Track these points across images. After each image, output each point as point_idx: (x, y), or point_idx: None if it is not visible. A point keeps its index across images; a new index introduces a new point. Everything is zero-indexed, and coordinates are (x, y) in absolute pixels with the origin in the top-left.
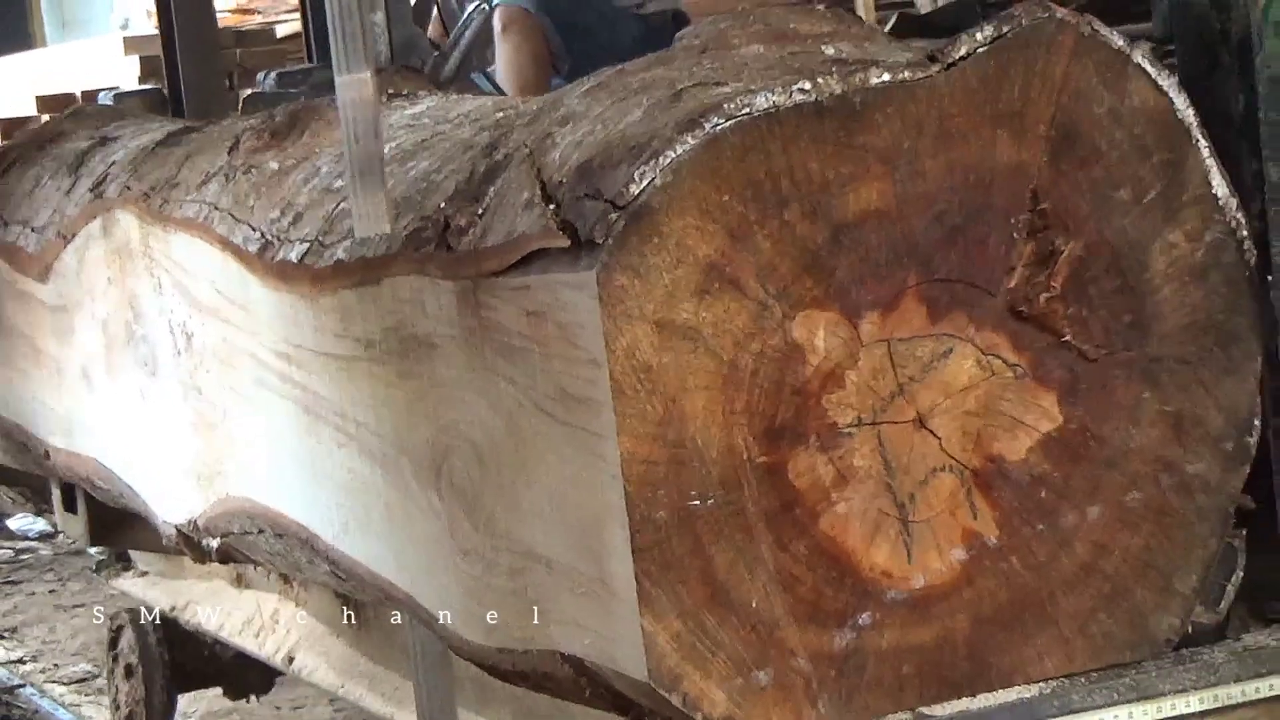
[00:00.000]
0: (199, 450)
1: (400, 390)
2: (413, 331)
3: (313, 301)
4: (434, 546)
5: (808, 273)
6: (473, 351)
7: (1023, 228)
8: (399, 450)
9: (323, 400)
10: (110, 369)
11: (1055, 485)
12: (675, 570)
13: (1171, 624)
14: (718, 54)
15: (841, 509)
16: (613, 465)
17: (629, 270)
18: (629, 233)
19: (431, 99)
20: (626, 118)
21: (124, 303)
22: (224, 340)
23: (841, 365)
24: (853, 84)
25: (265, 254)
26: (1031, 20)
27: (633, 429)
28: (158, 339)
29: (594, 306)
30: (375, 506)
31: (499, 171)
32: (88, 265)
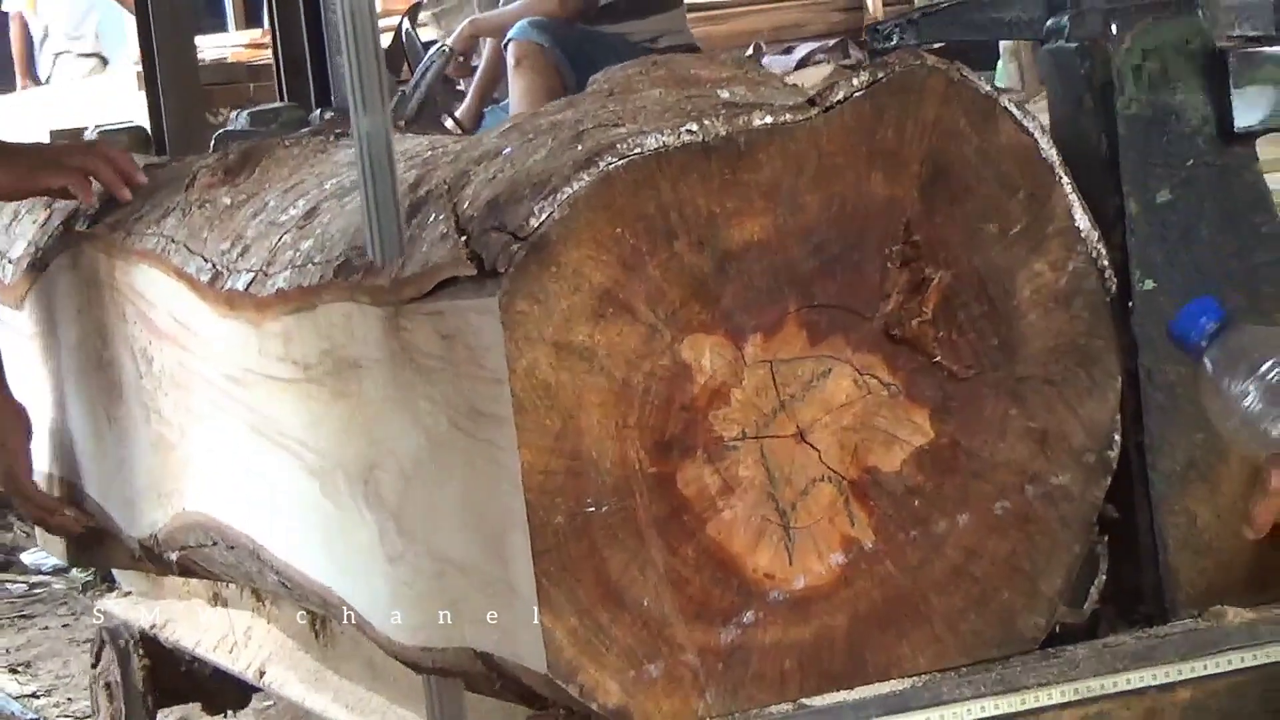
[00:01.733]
0: (159, 468)
1: (335, 409)
2: (344, 354)
3: (257, 327)
4: (366, 555)
5: (695, 299)
6: (396, 372)
7: (896, 258)
8: (334, 465)
9: (268, 420)
10: (80, 394)
11: (928, 495)
12: (572, 571)
13: (1037, 623)
14: (622, 97)
15: (727, 516)
16: (514, 475)
17: (529, 297)
18: (529, 262)
19: None
20: (533, 156)
21: (93, 331)
22: (180, 365)
23: (727, 384)
24: (737, 125)
25: (215, 283)
26: (904, 67)
27: (532, 442)
28: (123, 364)
29: (498, 329)
30: (315, 519)
31: (421, 206)
32: (59, 295)
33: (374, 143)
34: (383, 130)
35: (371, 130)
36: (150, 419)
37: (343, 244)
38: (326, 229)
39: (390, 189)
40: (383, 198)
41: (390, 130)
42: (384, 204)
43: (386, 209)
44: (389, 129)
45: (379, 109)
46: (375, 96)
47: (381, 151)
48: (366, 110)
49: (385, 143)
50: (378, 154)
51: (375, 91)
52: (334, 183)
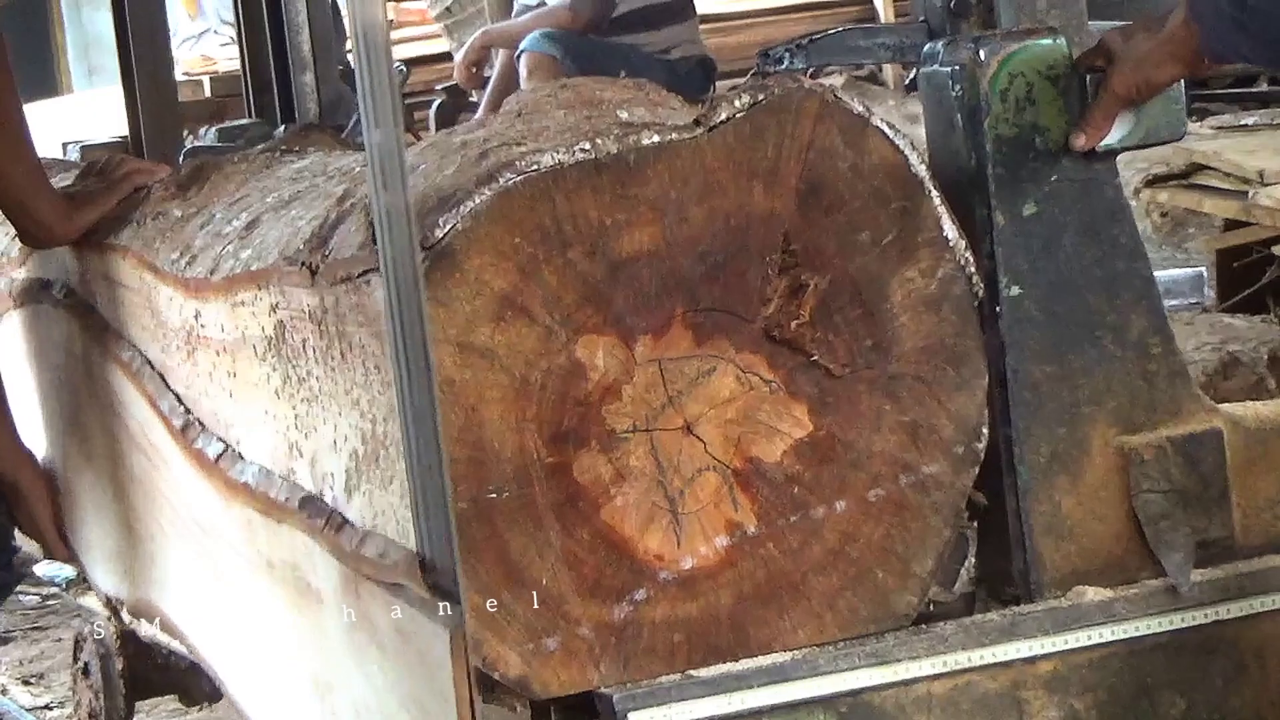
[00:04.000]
0: (126, 546)
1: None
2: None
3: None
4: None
5: (589, 303)
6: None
7: (776, 265)
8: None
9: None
10: (58, 418)
11: (807, 483)
12: (475, 552)
13: (910, 602)
14: (530, 117)
15: (620, 502)
16: None
17: (435, 301)
18: (435, 269)
19: (317, 154)
20: (443, 172)
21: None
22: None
23: (618, 381)
24: (627, 144)
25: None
26: (782, 90)
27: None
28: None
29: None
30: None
31: (344, 218)
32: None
33: (385, 155)
34: (394, 143)
35: (383, 143)
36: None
37: (276, 252)
38: (265, 239)
39: (403, 200)
40: (395, 209)
41: (402, 142)
42: (396, 215)
43: (399, 220)
44: (401, 141)
45: (390, 122)
46: (387, 110)
47: (394, 163)
48: (378, 123)
49: (397, 155)
50: (390, 166)
51: (387, 105)
52: (275, 196)
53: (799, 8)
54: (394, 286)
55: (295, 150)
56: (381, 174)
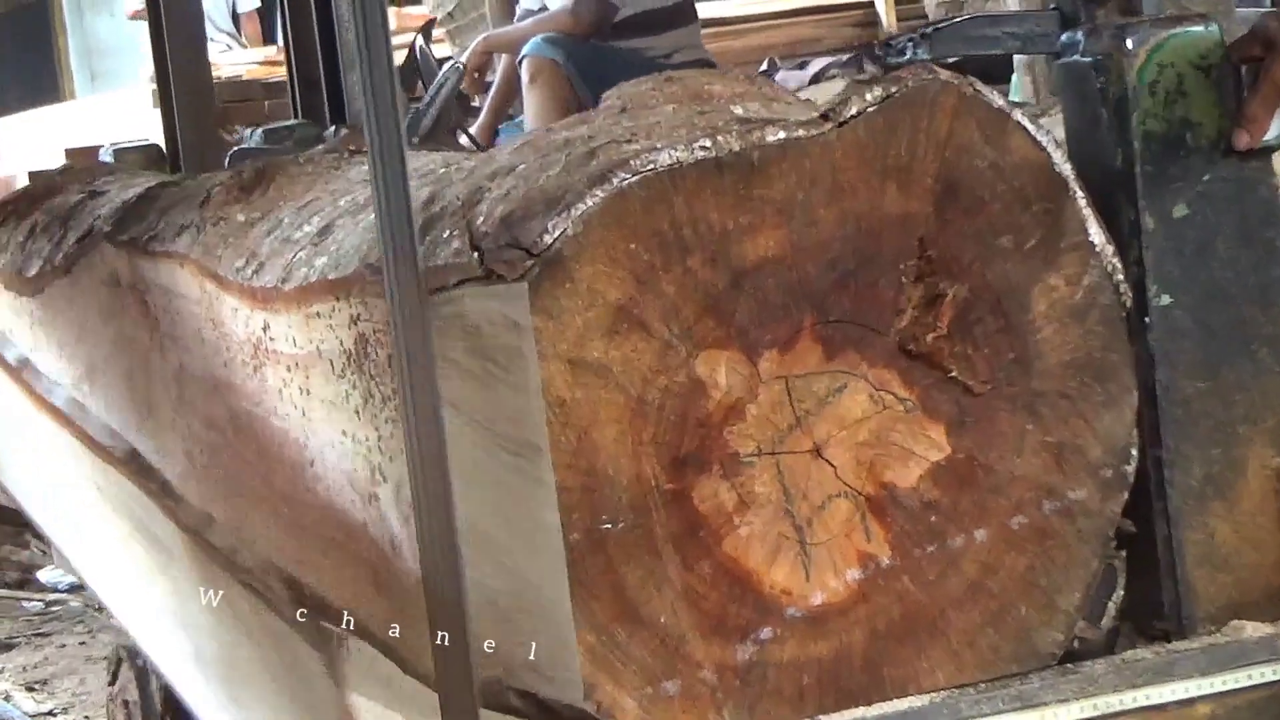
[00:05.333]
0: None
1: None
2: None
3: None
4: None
5: (709, 314)
6: None
7: (911, 273)
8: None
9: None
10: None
11: (944, 510)
12: (589, 588)
13: (1055, 639)
14: (635, 113)
15: (744, 532)
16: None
17: (544, 313)
18: (544, 278)
19: None
20: (546, 173)
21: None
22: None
23: (742, 400)
24: (750, 141)
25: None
26: (917, 82)
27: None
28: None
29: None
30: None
31: (435, 222)
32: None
33: (388, 161)
34: (397, 148)
35: (385, 148)
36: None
37: (356, 260)
38: (341, 245)
39: (405, 207)
40: (397, 216)
41: (405, 148)
42: (398, 222)
43: (401, 227)
44: (403, 147)
45: (392, 127)
46: (389, 114)
47: (396, 169)
48: (380, 128)
49: (399, 160)
50: (392, 172)
51: (389, 109)
52: (348, 199)
53: (800, 11)
54: (399, 306)
55: (364, 151)
56: (384, 183)
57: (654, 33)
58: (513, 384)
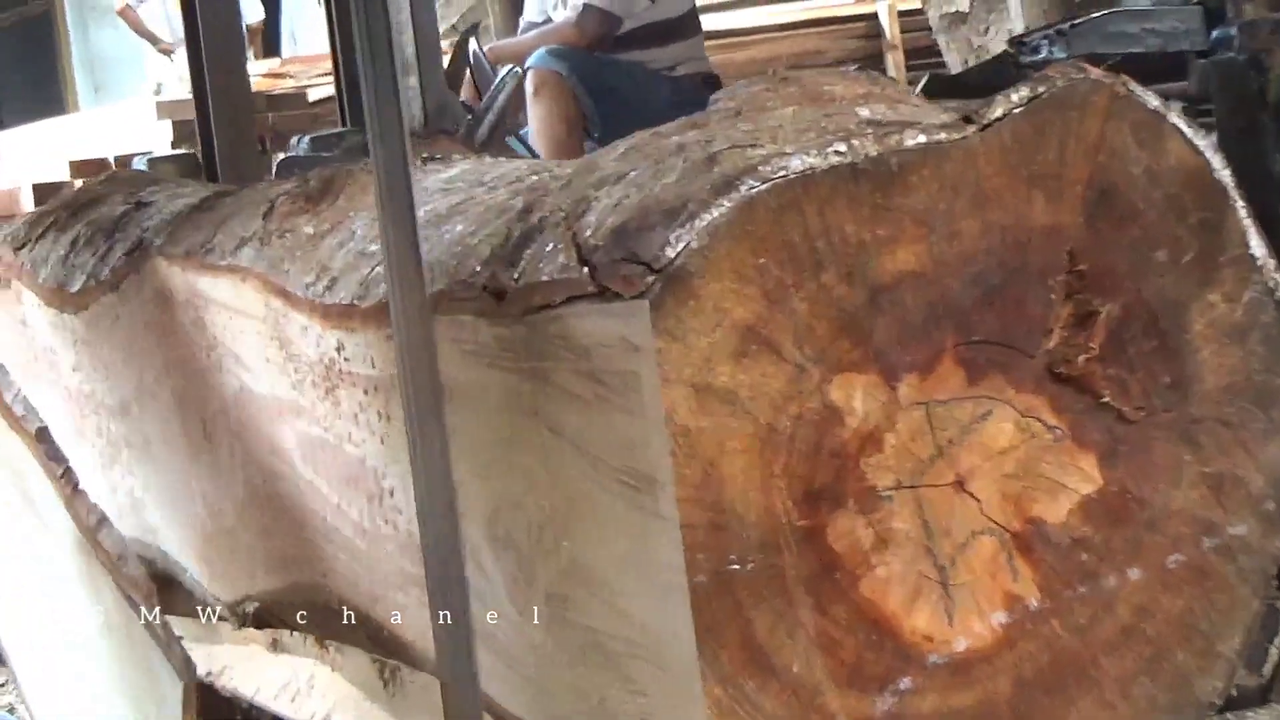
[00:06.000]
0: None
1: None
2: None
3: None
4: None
5: (845, 335)
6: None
7: (1060, 289)
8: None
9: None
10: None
11: (1096, 547)
12: (715, 634)
13: (1215, 687)
14: (752, 116)
15: (881, 572)
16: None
17: (666, 334)
18: (666, 295)
19: (465, 162)
20: (661, 181)
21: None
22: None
23: (880, 428)
24: (889, 145)
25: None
26: (1066, 81)
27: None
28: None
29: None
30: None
31: (535, 235)
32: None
33: (391, 173)
34: (400, 161)
35: (388, 160)
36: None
37: (444, 277)
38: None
39: (409, 222)
40: (402, 231)
41: (409, 161)
42: (403, 237)
43: (406, 242)
44: (408, 159)
45: (397, 139)
46: (393, 125)
47: (400, 183)
48: (383, 140)
49: (403, 173)
50: (395, 186)
51: (393, 120)
52: (426, 210)
53: (804, 24)
54: (403, 326)
55: (436, 158)
56: (388, 193)
57: (658, 45)
58: (629, 411)
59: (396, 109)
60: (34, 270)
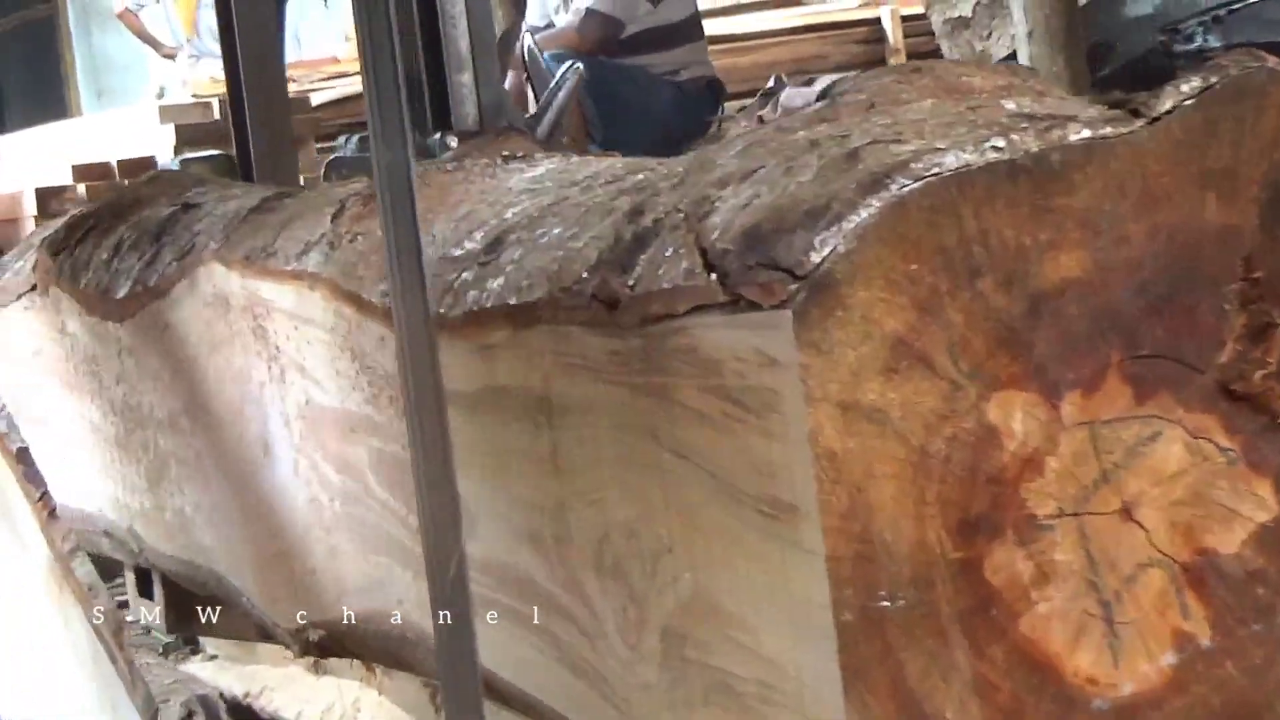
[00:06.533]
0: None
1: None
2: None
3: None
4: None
5: (1004, 349)
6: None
7: (1234, 298)
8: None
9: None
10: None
11: (1273, 581)
12: (862, 678)
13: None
14: (888, 109)
15: (1042, 609)
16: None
17: (810, 347)
18: (810, 305)
19: (550, 160)
20: (796, 178)
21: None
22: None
23: (1040, 450)
24: (1050, 141)
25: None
26: (1241, 70)
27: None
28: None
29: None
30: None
31: (650, 238)
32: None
33: (394, 177)
34: (404, 164)
35: (392, 164)
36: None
37: (545, 283)
38: (521, 264)
39: (412, 227)
40: (404, 236)
41: (412, 164)
42: (406, 243)
43: (409, 248)
44: (411, 162)
45: (399, 141)
46: (396, 127)
47: (403, 187)
48: (386, 142)
49: (406, 177)
50: (398, 190)
51: (396, 122)
52: (516, 211)
53: (807, 29)
54: (404, 325)
55: (518, 156)
56: (390, 197)
57: (660, 49)
58: (767, 432)
59: (398, 107)
60: (74, 276)
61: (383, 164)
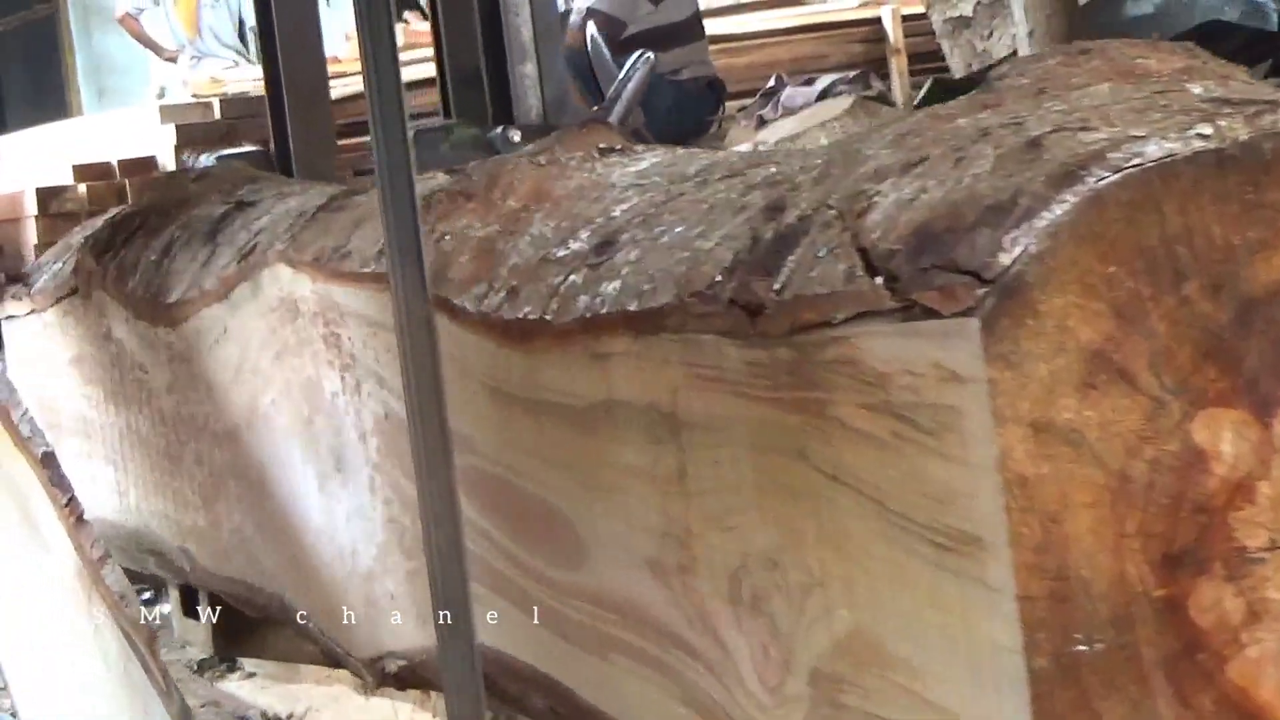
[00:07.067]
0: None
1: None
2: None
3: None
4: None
5: (1211, 361)
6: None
7: None
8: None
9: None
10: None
11: None
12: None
13: None
14: (1060, 94)
15: (1253, 653)
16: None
17: (999, 360)
18: (999, 313)
19: (653, 154)
20: (969, 170)
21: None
22: None
23: (1252, 475)
24: (1260, 128)
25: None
26: None
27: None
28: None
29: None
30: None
31: (797, 238)
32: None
33: (395, 177)
34: (404, 164)
35: (392, 164)
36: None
37: (671, 286)
38: (639, 267)
39: (413, 228)
40: (405, 238)
41: (413, 163)
42: (406, 244)
43: (410, 249)
44: (411, 161)
45: (400, 140)
46: (397, 127)
47: (403, 187)
48: (387, 142)
49: (407, 178)
50: (399, 189)
51: (396, 121)
52: (624, 208)
53: (808, 28)
54: (405, 325)
55: (616, 149)
56: (390, 195)
57: (662, 49)
58: (946, 454)
59: (398, 107)
60: (121, 278)
61: (384, 164)
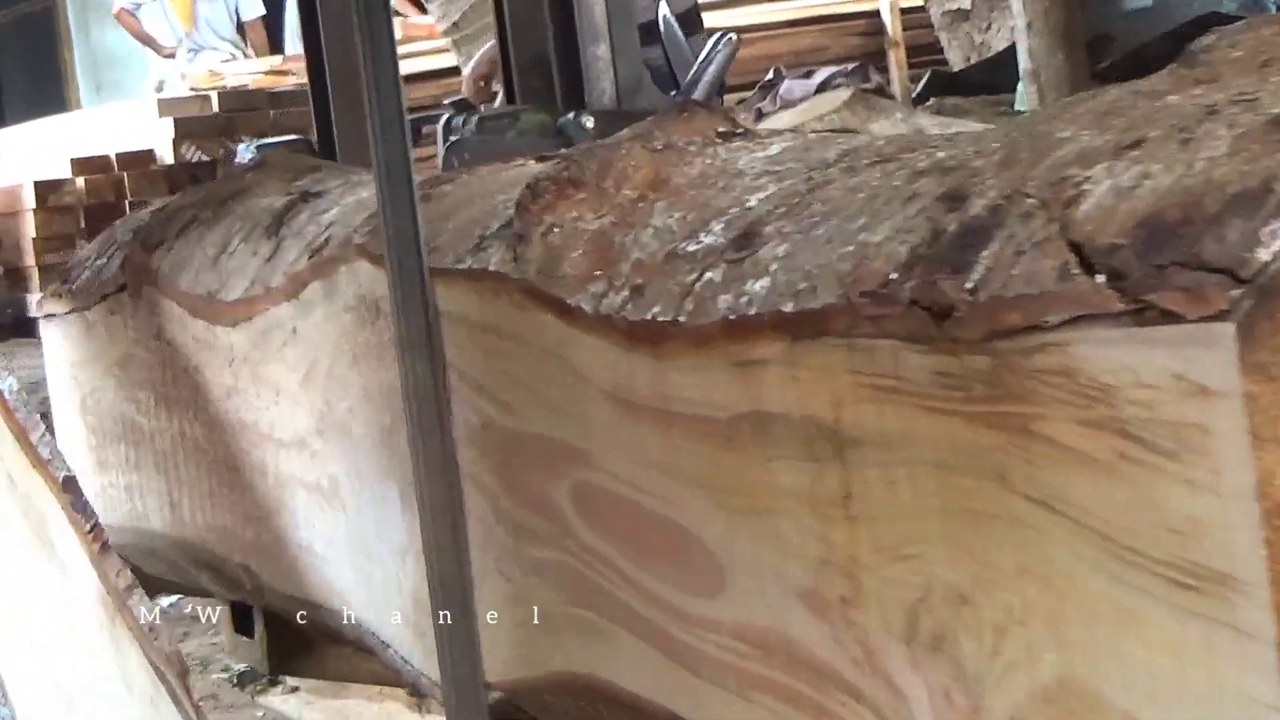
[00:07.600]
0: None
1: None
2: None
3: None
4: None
5: None
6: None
7: None
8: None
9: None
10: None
11: None
12: None
13: None
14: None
15: None
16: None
17: (1257, 371)
18: (1257, 317)
19: (783, 138)
20: (1201, 153)
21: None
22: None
23: None
24: None
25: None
26: None
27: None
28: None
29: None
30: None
31: (990, 230)
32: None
33: (394, 173)
34: (402, 159)
35: (390, 158)
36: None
37: (832, 285)
38: (790, 263)
39: (412, 226)
40: (403, 235)
41: (411, 158)
42: (405, 243)
43: (409, 248)
44: (409, 156)
45: (398, 135)
46: (394, 121)
47: (402, 183)
48: (384, 137)
49: (406, 173)
50: (398, 185)
51: (396, 121)
52: (762, 198)
53: (806, 21)
54: (405, 325)
55: (738, 133)
56: (389, 191)
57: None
58: (1186, 479)
59: (397, 105)
60: (174, 275)
61: (381, 159)
